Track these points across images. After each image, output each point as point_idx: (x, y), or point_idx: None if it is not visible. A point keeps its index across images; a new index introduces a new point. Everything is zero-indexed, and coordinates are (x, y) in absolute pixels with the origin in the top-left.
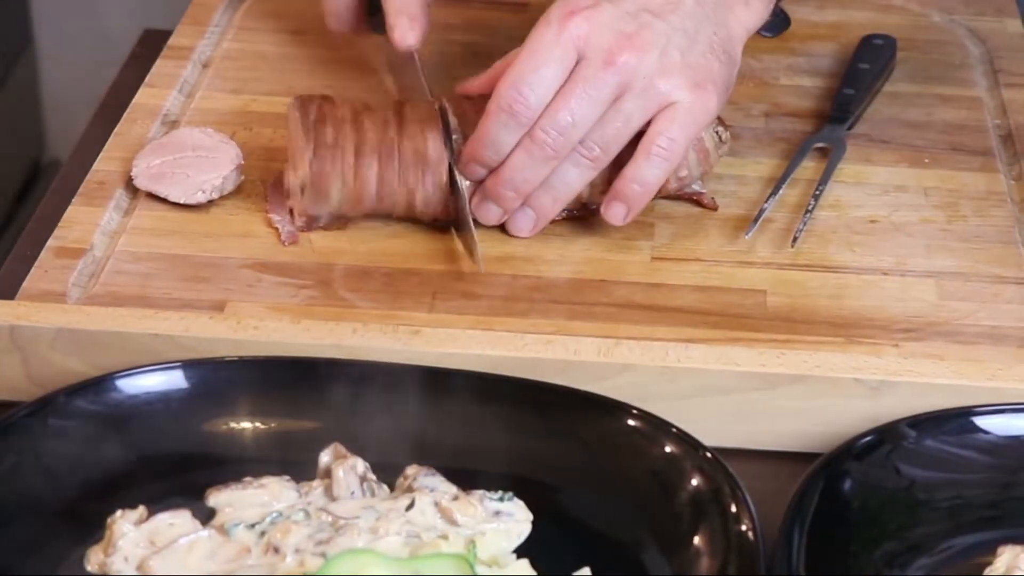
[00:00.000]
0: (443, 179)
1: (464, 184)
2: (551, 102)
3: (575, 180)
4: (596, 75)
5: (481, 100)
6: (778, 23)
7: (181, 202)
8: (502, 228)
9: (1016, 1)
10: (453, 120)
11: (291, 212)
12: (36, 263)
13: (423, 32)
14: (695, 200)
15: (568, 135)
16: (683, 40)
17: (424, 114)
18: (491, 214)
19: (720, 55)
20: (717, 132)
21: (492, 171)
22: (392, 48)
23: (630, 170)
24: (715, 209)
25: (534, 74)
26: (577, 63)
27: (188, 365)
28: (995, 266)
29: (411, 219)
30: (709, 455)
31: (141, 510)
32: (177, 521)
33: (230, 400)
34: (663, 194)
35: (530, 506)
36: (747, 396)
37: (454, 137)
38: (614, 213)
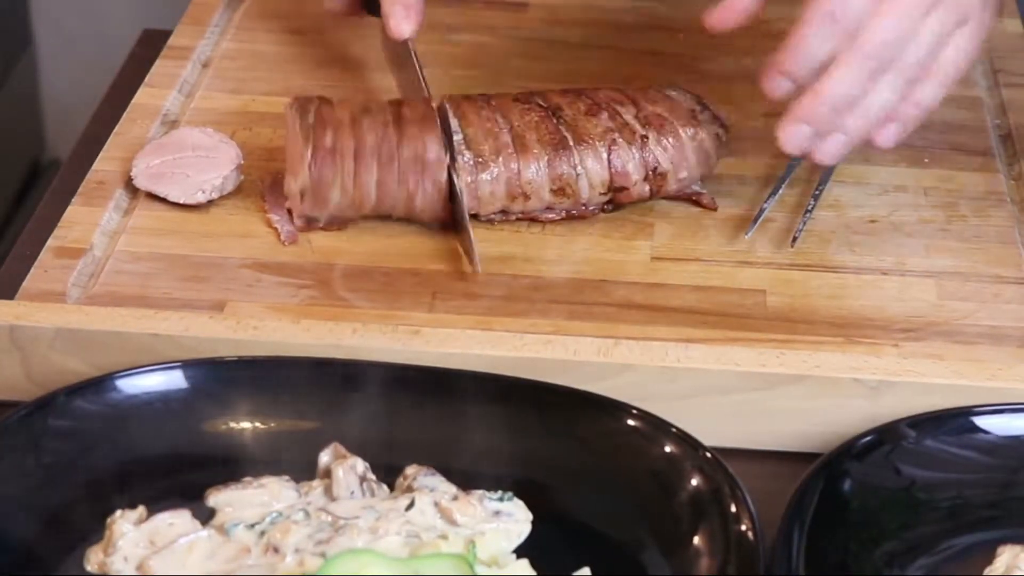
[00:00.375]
0: (442, 181)
1: (462, 185)
2: (870, 14)
3: (889, 101)
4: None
5: (481, 99)
6: None
7: (181, 202)
8: (502, 229)
9: (1016, 1)
10: (454, 121)
11: (290, 212)
12: (36, 263)
13: (419, 22)
14: (695, 200)
15: (892, 46)
16: None
17: (422, 115)
18: (799, 137)
19: None
20: (718, 134)
21: (803, 88)
22: (388, 40)
23: (911, 93)
24: (715, 209)
25: None
26: None
27: (188, 365)
28: (995, 266)
29: (410, 220)
30: (709, 455)
31: (141, 510)
32: (177, 521)
33: (230, 400)
34: (662, 194)
35: (530, 506)
36: (747, 396)
37: (455, 137)
38: (887, 134)
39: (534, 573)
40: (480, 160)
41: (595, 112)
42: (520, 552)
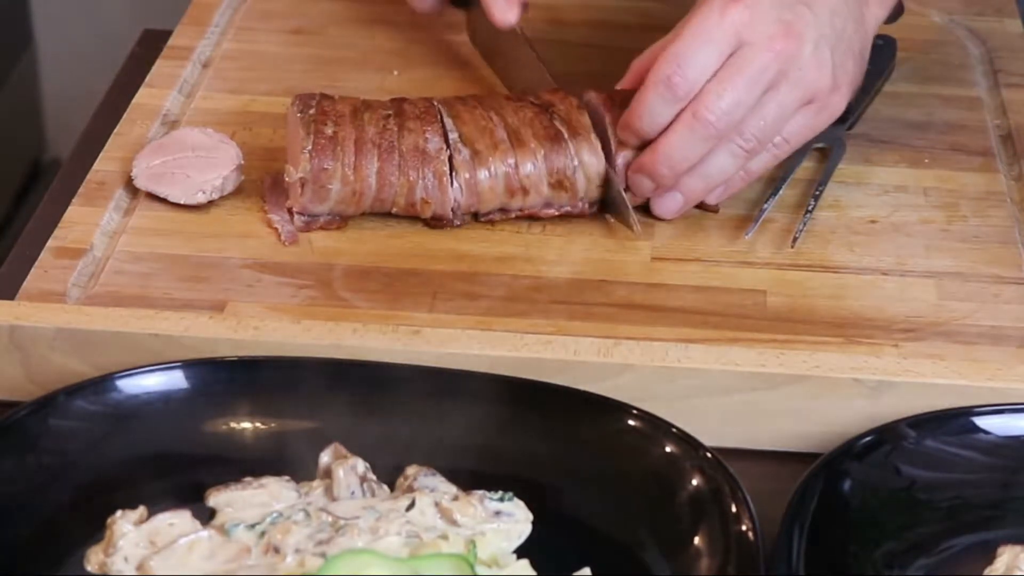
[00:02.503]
0: (443, 171)
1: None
2: (711, 82)
3: (728, 167)
4: (757, 58)
5: (474, 101)
6: (896, 12)
7: (181, 202)
8: (503, 229)
9: (1016, 1)
10: (448, 120)
11: (290, 212)
12: (36, 263)
13: (521, 6)
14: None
15: (729, 116)
16: (832, 36)
17: (423, 109)
18: (643, 187)
19: (856, 55)
20: None
21: (648, 145)
22: (482, 33)
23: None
24: (716, 211)
25: (694, 52)
26: (737, 49)
27: (188, 365)
28: (995, 266)
29: (411, 216)
30: (709, 455)
31: (141, 510)
32: (177, 521)
33: (230, 400)
34: None
35: (530, 506)
36: (747, 396)
37: (451, 136)
38: (714, 195)
39: (534, 573)
40: (477, 156)
41: (609, 107)
42: (520, 552)
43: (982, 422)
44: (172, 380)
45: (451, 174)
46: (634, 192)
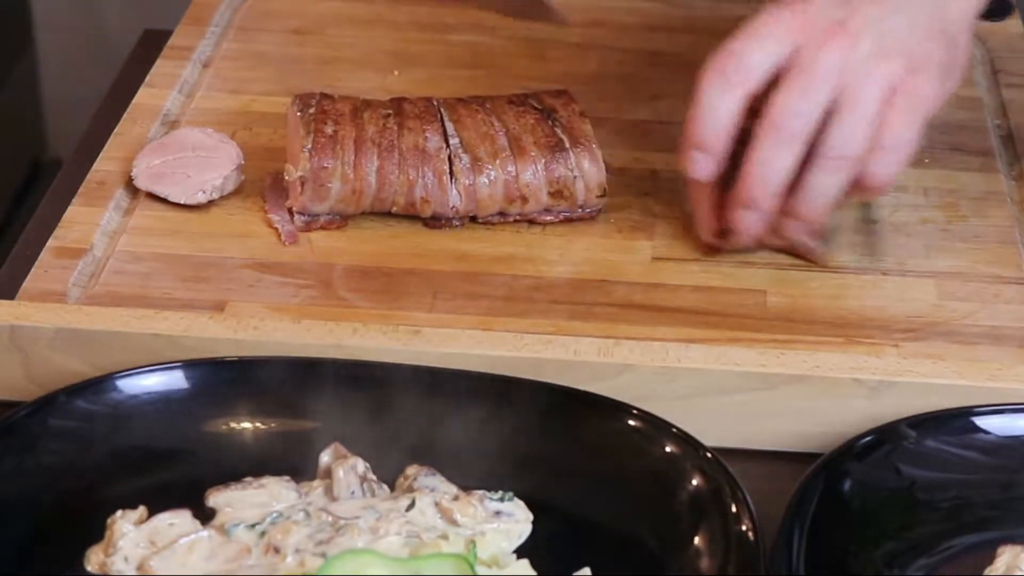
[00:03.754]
0: (443, 170)
1: None
2: (778, 91)
3: (831, 187)
4: (814, 58)
5: (475, 104)
6: (1002, 7)
7: (181, 202)
8: (503, 229)
9: (1016, 1)
10: (449, 124)
11: (290, 212)
12: (36, 263)
13: None
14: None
15: (798, 118)
16: (900, 24)
17: (423, 109)
18: (748, 223)
19: (939, 38)
20: None
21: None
22: None
23: (870, 168)
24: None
25: (750, 52)
26: (793, 51)
27: (188, 365)
28: (995, 266)
29: (410, 215)
30: (709, 455)
31: (141, 510)
32: (177, 521)
33: (230, 400)
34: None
35: (530, 506)
36: (747, 396)
37: (452, 141)
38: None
39: (534, 573)
40: (477, 163)
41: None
42: (520, 552)
43: (982, 422)
44: (172, 380)
45: (451, 179)
46: (742, 236)
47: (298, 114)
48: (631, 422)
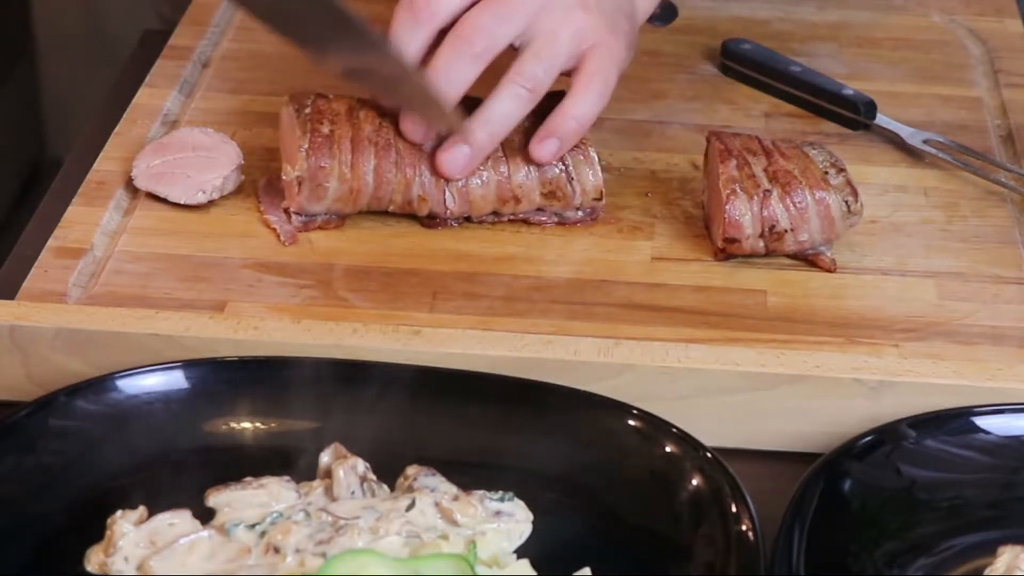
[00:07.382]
0: None
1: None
2: (471, 7)
3: (512, 112)
4: None
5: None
6: (667, 13)
7: (181, 202)
8: (503, 229)
9: (1016, 1)
10: None
11: (286, 212)
12: (36, 263)
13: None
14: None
15: (491, 34)
16: None
17: None
18: (414, 135)
19: (629, 20)
20: (846, 201)
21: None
22: None
23: (568, 105)
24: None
25: None
26: None
27: (188, 365)
28: (995, 266)
29: (408, 214)
30: (709, 455)
31: (141, 510)
32: (177, 521)
33: (230, 400)
34: (779, 253)
35: (530, 506)
36: (747, 396)
37: None
38: (546, 149)
39: (534, 573)
40: None
41: (725, 159)
42: (520, 552)
43: (982, 422)
44: (172, 380)
45: (445, 180)
46: (408, 136)
47: (294, 114)
48: (631, 422)
